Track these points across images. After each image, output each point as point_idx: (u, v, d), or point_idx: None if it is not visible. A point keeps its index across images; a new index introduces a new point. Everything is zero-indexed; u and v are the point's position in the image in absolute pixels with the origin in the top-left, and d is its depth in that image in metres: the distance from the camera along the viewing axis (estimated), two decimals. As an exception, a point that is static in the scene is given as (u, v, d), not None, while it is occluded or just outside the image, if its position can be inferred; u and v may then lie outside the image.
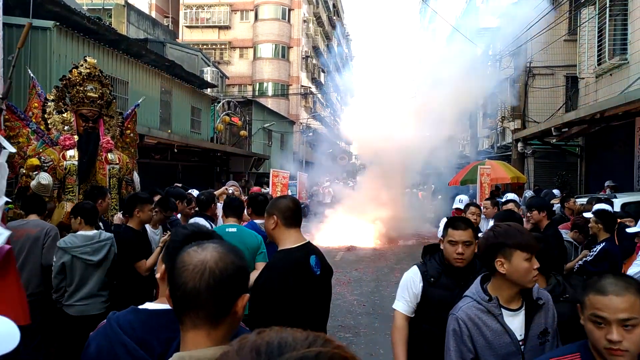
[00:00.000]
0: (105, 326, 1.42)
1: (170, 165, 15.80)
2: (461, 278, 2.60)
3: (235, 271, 1.15)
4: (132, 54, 13.12)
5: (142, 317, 1.43)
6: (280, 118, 29.03)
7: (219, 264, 1.13)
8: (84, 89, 5.10)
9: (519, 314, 2.03)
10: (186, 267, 1.13)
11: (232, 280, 1.14)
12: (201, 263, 1.13)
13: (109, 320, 1.43)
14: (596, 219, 4.42)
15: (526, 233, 2.06)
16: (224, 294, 1.12)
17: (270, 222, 2.49)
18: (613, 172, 10.54)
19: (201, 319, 1.11)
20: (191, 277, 1.12)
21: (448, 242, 2.65)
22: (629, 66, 10.01)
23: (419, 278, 2.71)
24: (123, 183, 5.50)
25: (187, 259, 1.15)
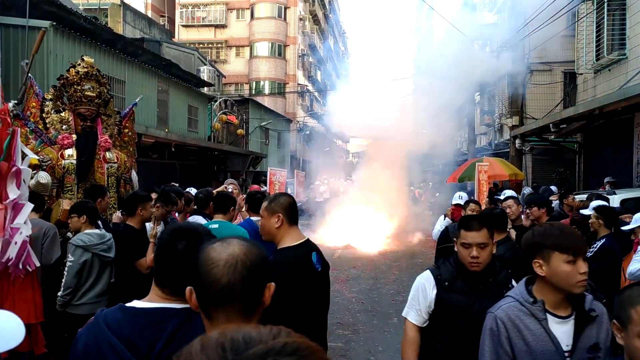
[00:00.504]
0: (94, 323, 1.41)
1: (167, 164, 15.76)
2: (479, 281, 2.42)
3: (262, 261, 1.19)
4: (128, 54, 13.08)
5: (129, 316, 1.42)
6: (277, 116, 29.00)
7: (248, 256, 1.16)
8: (81, 88, 5.09)
9: (567, 322, 1.86)
10: (216, 263, 1.15)
11: (261, 271, 1.17)
12: (232, 257, 1.15)
13: (96, 317, 1.42)
14: (597, 214, 4.41)
15: (568, 233, 1.88)
16: (256, 284, 1.16)
17: (274, 220, 2.46)
18: (612, 168, 10.56)
19: (236, 312, 1.13)
20: (224, 272, 1.13)
21: (461, 245, 2.43)
22: (627, 61, 10.02)
23: (432, 283, 2.49)
24: (121, 182, 5.49)
25: (215, 255, 1.16)
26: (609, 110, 8.66)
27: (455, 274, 2.46)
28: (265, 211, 2.51)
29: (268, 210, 2.50)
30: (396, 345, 5.65)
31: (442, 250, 2.69)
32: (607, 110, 8.69)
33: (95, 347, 1.36)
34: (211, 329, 1.15)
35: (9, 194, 2.60)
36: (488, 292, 2.38)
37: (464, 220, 2.53)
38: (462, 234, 2.43)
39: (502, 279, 2.48)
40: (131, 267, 3.92)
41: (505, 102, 17.94)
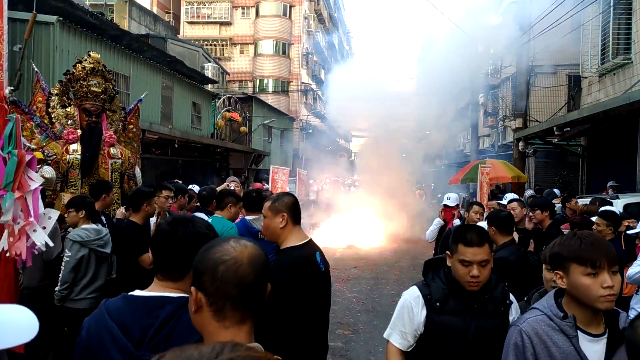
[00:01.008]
0: (97, 311, 1.48)
1: (170, 160, 15.80)
2: (474, 300, 2.13)
3: (267, 262, 1.22)
4: (133, 50, 13.11)
5: (129, 303, 1.47)
6: (281, 115, 29.01)
7: (262, 257, 1.20)
8: (87, 83, 5.10)
9: (599, 341, 1.71)
10: (240, 261, 1.16)
11: (264, 269, 1.20)
12: (253, 257, 1.18)
13: (100, 305, 1.49)
14: (606, 221, 4.39)
15: (589, 243, 1.71)
16: (265, 285, 1.20)
17: (278, 220, 2.43)
18: (615, 172, 10.54)
19: (251, 312, 1.16)
20: (250, 271, 1.16)
21: (459, 262, 2.10)
22: (632, 65, 9.99)
23: (421, 303, 2.18)
24: (125, 177, 5.51)
25: (237, 254, 1.17)
26: (613, 114, 8.65)
27: (448, 292, 2.16)
28: (269, 211, 2.46)
29: (272, 210, 2.45)
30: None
31: (430, 263, 2.28)
32: (611, 114, 8.67)
33: (96, 333, 1.41)
34: (219, 329, 1.13)
35: (29, 182, 2.61)
36: (484, 311, 2.14)
37: (462, 232, 2.15)
38: (461, 250, 2.10)
39: (499, 295, 2.20)
40: (134, 262, 3.94)
41: (509, 104, 17.91)
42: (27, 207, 2.63)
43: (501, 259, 3.37)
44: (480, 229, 2.22)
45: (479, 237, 2.11)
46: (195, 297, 1.16)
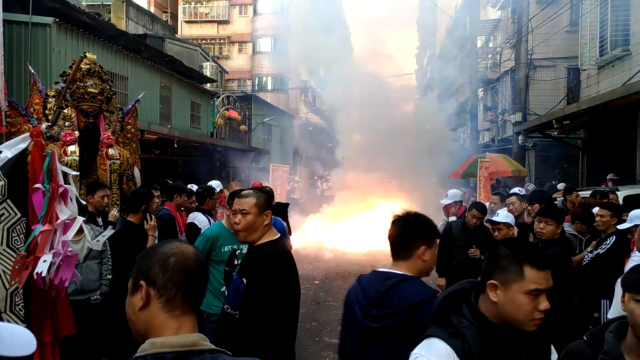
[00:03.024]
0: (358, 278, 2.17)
1: (170, 160, 15.79)
2: (521, 346, 1.52)
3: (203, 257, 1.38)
4: (131, 50, 13.08)
5: (371, 274, 2.07)
6: (280, 112, 28.99)
7: (200, 253, 1.33)
8: (84, 84, 5.10)
9: None
10: (187, 255, 1.25)
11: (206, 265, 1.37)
12: (195, 252, 1.30)
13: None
14: (610, 212, 4.39)
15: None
16: (206, 280, 1.31)
17: (263, 218, 2.40)
18: (615, 164, 10.52)
19: (195, 304, 1.25)
20: (196, 264, 1.25)
21: (525, 293, 1.46)
22: (631, 57, 9.96)
23: None
24: (124, 178, 5.51)
25: (180, 248, 1.27)
26: (612, 106, 8.62)
27: (488, 340, 1.49)
28: (255, 208, 2.38)
29: (259, 207, 2.38)
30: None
31: (451, 297, 1.58)
32: (610, 106, 8.65)
33: (351, 292, 2.16)
34: (168, 319, 1.19)
35: (59, 215, 2.69)
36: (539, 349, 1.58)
37: (525, 250, 1.52)
38: (530, 275, 1.46)
39: (543, 347, 1.61)
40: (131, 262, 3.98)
41: (508, 98, 17.89)
42: (48, 240, 2.66)
43: (554, 256, 3.41)
44: (540, 250, 1.78)
45: (541, 256, 1.54)
46: (145, 291, 1.20)
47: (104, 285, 4.15)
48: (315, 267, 9.88)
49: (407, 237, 1.98)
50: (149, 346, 1.15)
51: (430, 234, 2.01)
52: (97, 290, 4.10)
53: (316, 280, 8.57)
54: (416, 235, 1.98)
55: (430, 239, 2.00)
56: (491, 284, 1.51)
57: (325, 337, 5.83)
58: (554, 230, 3.65)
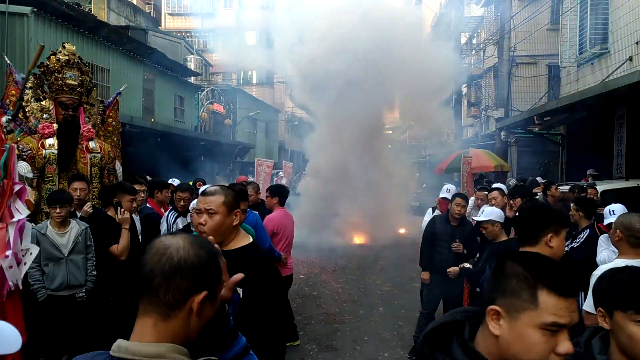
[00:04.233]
0: None
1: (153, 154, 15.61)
2: None
3: (197, 264, 1.10)
4: (112, 42, 12.88)
5: None
6: (266, 107, 28.85)
7: (180, 252, 1.09)
8: (62, 76, 5.00)
9: None
10: (150, 249, 1.11)
11: (191, 272, 1.08)
12: (164, 247, 1.10)
13: None
14: (577, 206, 4.49)
15: None
16: (179, 283, 1.07)
17: (232, 218, 2.16)
18: (593, 160, 10.73)
19: (152, 306, 1.07)
20: (150, 259, 1.09)
21: (539, 328, 1.09)
22: (609, 55, 10.15)
23: None
24: (105, 172, 5.43)
25: (154, 243, 1.13)
26: (590, 103, 8.79)
27: None
28: (223, 207, 2.10)
29: (227, 206, 2.11)
30: (382, 335, 5.72)
31: (434, 334, 1.24)
32: (589, 103, 8.81)
33: None
34: (136, 319, 1.11)
35: (14, 213, 2.57)
36: None
37: (550, 270, 1.14)
38: (547, 302, 1.09)
39: None
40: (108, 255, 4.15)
41: (491, 95, 18.09)
42: (4, 240, 2.58)
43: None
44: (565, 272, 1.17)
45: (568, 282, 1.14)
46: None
47: (89, 282, 4.11)
48: (299, 261, 9.92)
49: (535, 224, 2.13)
50: None
51: (558, 222, 2.17)
52: (82, 286, 4.06)
53: (301, 275, 8.59)
54: (545, 222, 2.13)
55: (559, 227, 2.16)
56: (493, 311, 1.14)
57: (309, 330, 5.86)
58: None
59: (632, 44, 9.20)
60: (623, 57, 9.45)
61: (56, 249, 3.98)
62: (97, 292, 4.14)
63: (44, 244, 3.91)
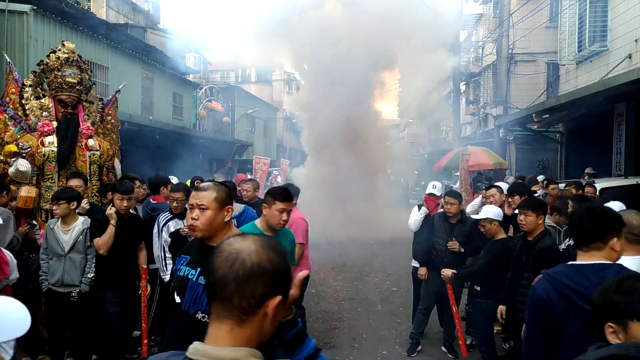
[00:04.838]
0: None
1: (152, 152, 15.61)
2: None
3: (271, 268, 1.08)
4: (112, 39, 12.86)
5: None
6: (264, 104, 28.83)
7: (252, 257, 1.07)
8: (62, 74, 5.01)
9: None
10: (220, 253, 1.09)
11: (265, 277, 1.06)
12: (235, 252, 1.08)
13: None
14: (574, 204, 4.51)
15: None
16: (253, 289, 1.05)
17: (224, 214, 2.21)
18: (592, 158, 10.75)
19: (227, 311, 1.06)
20: (222, 265, 1.07)
21: None
22: (608, 53, 10.16)
23: None
24: (104, 170, 5.44)
25: (225, 246, 1.11)
26: (589, 101, 8.79)
27: None
28: (215, 202, 2.16)
29: (219, 202, 2.16)
30: (380, 333, 5.74)
31: None
32: (588, 101, 8.82)
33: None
34: (209, 325, 1.11)
35: None
36: None
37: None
38: None
39: None
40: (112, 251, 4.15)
41: (490, 92, 18.10)
42: None
43: (547, 248, 3.60)
44: None
45: None
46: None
47: (84, 284, 4.09)
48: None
49: (600, 229, 2.08)
50: None
51: (619, 225, 2.14)
52: (76, 286, 4.07)
53: (299, 272, 8.60)
54: (609, 227, 2.10)
55: (619, 231, 2.13)
56: None
57: (308, 328, 5.87)
58: (534, 221, 3.72)
59: (631, 42, 9.21)
60: (622, 54, 9.46)
61: (59, 245, 4.06)
62: (90, 290, 4.15)
63: (50, 239, 4.06)
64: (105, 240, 4.02)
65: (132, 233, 4.30)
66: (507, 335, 4.98)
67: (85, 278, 4.08)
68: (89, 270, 4.10)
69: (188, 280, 2.18)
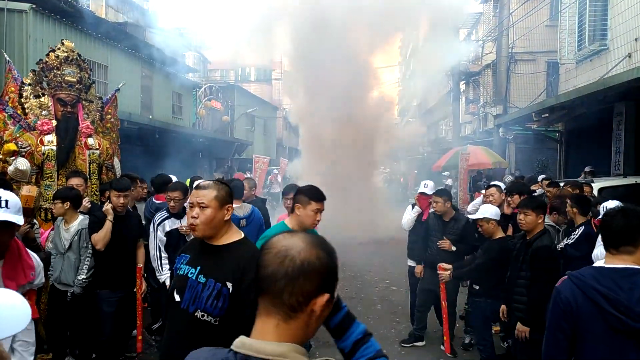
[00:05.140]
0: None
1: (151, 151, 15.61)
2: None
3: (319, 266, 1.09)
4: (111, 38, 12.86)
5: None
6: (263, 103, 28.82)
7: (302, 254, 1.08)
8: (61, 72, 5.00)
9: None
10: (270, 250, 1.10)
11: (314, 275, 1.08)
12: (285, 249, 1.09)
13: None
14: (571, 202, 4.50)
15: None
16: (302, 286, 1.07)
17: (224, 212, 2.20)
18: (591, 157, 10.75)
19: (275, 307, 1.07)
20: (272, 261, 1.08)
21: None
22: (608, 52, 10.16)
23: None
24: (103, 169, 5.44)
25: (274, 242, 1.12)
26: (589, 100, 8.79)
27: None
28: (215, 201, 2.16)
29: (219, 201, 2.16)
30: (379, 332, 5.74)
31: None
32: (587, 100, 8.82)
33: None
34: (256, 319, 1.12)
35: None
36: None
37: None
38: None
39: None
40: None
41: (489, 91, 18.10)
42: None
43: (544, 247, 3.64)
44: None
45: None
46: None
47: (76, 285, 4.05)
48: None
49: (634, 232, 2.00)
50: None
51: None
52: (70, 286, 4.07)
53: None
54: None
55: None
56: None
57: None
58: (534, 220, 3.72)
59: (631, 41, 9.21)
60: (622, 53, 9.46)
61: (60, 243, 4.09)
62: (85, 290, 4.14)
63: (55, 236, 4.13)
64: (102, 235, 4.01)
65: (130, 230, 4.29)
66: (505, 334, 4.99)
67: (77, 280, 4.05)
68: (81, 272, 4.06)
69: (188, 279, 2.17)
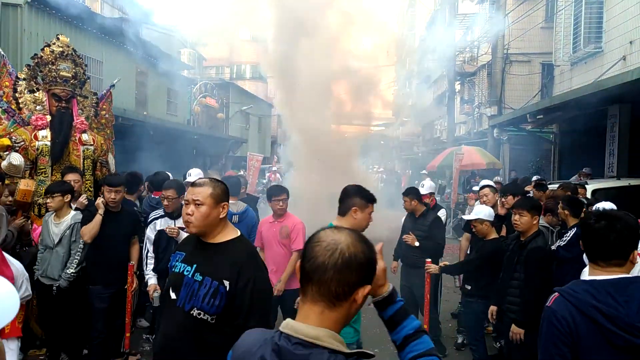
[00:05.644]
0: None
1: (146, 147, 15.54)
2: None
3: (364, 260, 1.20)
4: (106, 34, 12.78)
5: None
6: (258, 101, 28.76)
7: (350, 248, 1.19)
8: (56, 67, 4.97)
9: None
10: (320, 242, 1.20)
11: (359, 268, 1.19)
12: (334, 243, 1.19)
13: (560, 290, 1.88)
14: (563, 204, 4.53)
15: None
16: (348, 277, 1.17)
17: (219, 210, 2.19)
18: (585, 158, 10.82)
19: (322, 295, 1.18)
20: (322, 253, 1.18)
21: None
22: (603, 54, 10.22)
23: None
24: (98, 164, 5.41)
25: (322, 236, 1.22)
26: (583, 102, 8.84)
27: None
28: (210, 199, 2.14)
29: (215, 198, 2.15)
30: (373, 330, 5.75)
31: None
32: (581, 102, 8.87)
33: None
34: (301, 304, 1.23)
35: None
36: None
37: None
38: None
39: None
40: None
41: (484, 92, 18.17)
42: None
43: (538, 248, 3.64)
44: None
45: None
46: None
47: (63, 279, 4.03)
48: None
49: (626, 246, 1.87)
50: None
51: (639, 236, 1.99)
52: (56, 281, 4.05)
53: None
54: (634, 242, 1.92)
55: (638, 241, 1.98)
56: None
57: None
58: (529, 221, 3.74)
59: (625, 44, 9.27)
60: (617, 56, 9.52)
61: (49, 238, 4.09)
62: (74, 285, 4.12)
63: (44, 231, 4.12)
64: (90, 228, 3.99)
65: (122, 227, 4.26)
66: (498, 334, 5.02)
67: (65, 274, 4.03)
68: (69, 266, 4.04)
69: (184, 277, 2.15)
